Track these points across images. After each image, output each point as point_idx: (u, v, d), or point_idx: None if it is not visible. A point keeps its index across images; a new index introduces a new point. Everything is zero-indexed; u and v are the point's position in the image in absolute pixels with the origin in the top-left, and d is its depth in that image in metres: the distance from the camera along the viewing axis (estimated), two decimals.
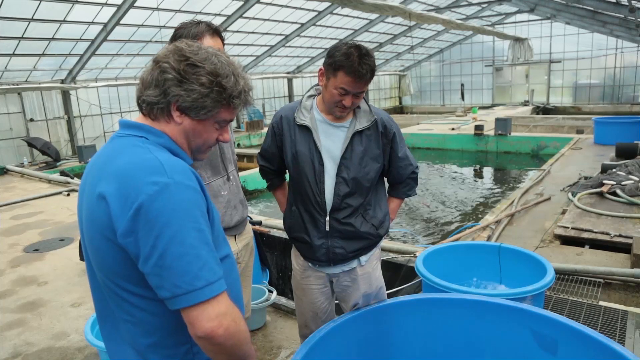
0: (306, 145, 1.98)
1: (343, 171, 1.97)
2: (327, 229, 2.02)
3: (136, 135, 1.17)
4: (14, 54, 10.37)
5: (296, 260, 2.21)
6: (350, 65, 1.77)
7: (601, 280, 3.52)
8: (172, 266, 1.01)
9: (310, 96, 2.06)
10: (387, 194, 2.23)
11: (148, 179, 1.03)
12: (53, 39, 10.37)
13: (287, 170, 2.22)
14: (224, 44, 2.01)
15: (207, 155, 1.31)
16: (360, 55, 1.78)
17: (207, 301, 1.03)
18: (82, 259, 4.06)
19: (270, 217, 5.75)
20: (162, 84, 1.12)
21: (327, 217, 2.01)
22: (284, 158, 2.08)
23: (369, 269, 2.15)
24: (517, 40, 19.85)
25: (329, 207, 2.00)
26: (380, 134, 2.02)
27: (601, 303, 3.21)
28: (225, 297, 1.07)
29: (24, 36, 9.80)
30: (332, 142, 1.98)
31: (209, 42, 1.90)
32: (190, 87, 1.12)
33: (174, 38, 1.91)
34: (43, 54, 10.91)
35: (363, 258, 2.12)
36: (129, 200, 1.02)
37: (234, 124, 18.23)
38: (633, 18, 11.01)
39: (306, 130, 1.98)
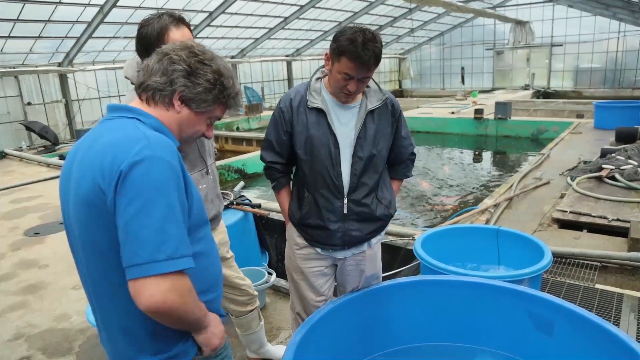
0: (320, 129, 1.95)
1: (359, 150, 1.96)
2: (345, 211, 2.01)
3: (127, 117, 1.22)
4: (9, 37, 10.25)
5: (296, 243, 2.16)
6: (353, 50, 1.75)
7: (598, 264, 3.55)
8: (136, 234, 1.05)
9: (317, 79, 2.03)
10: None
11: (132, 149, 1.09)
12: (49, 21, 10.23)
13: (294, 164, 2.16)
14: (191, 31, 1.92)
15: (189, 148, 1.39)
16: (365, 41, 1.75)
17: (161, 275, 1.06)
18: None
19: (269, 200, 5.75)
20: (170, 74, 1.21)
21: (345, 200, 2.00)
22: (294, 144, 2.01)
23: (375, 249, 2.19)
24: (519, 23, 19.65)
25: (346, 189, 1.99)
26: (390, 112, 2.03)
27: (597, 286, 3.24)
28: (179, 275, 1.10)
29: (20, 18, 9.68)
30: (344, 123, 1.97)
31: (175, 33, 1.80)
32: (197, 81, 1.22)
33: (140, 37, 1.81)
34: (39, 37, 10.78)
35: (373, 240, 2.14)
36: (112, 172, 1.08)
37: None
38: (637, 0, 10.87)
39: (319, 113, 1.95)
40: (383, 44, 1.88)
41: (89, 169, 1.12)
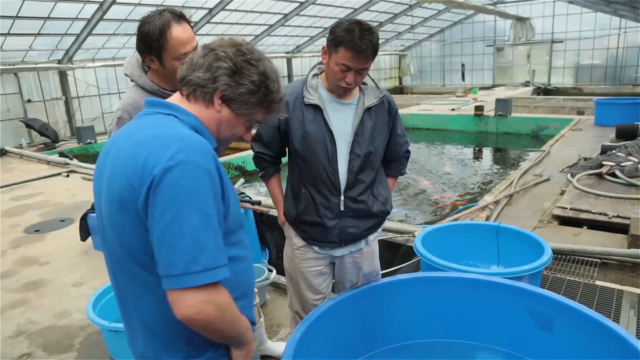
0: (316, 125, 1.94)
1: (356, 147, 1.96)
2: (342, 208, 2.01)
3: (164, 113, 1.18)
4: (9, 34, 10.23)
5: (293, 243, 2.16)
6: (350, 40, 1.75)
7: (598, 261, 3.55)
8: (170, 244, 1.02)
9: (314, 75, 2.02)
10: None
11: (166, 152, 1.04)
12: (48, 18, 10.20)
13: (283, 156, 2.18)
14: (192, 27, 1.88)
15: (223, 150, 1.34)
16: (362, 31, 1.76)
17: (196, 287, 1.03)
18: (82, 239, 4.08)
19: (269, 197, 5.76)
20: (214, 70, 1.16)
21: (342, 197, 2.00)
22: (290, 140, 2.01)
23: (373, 247, 2.19)
24: (519, 19, 19.58)
25: (343, 186, 1.99)
26: (386, 110, 2.03)
27: (597, 282, 3.25)
28: (215, 286, 1.06)
29: (19, 15, 9.65)
30: (341, 119, 1.96)
31: (177, 29, 1.75)
32: (242, 81, 1.16)
33: (142, 35, 1.76)
34: (39, 34, 10.75)
35: (370, 237, 2.14)
36: (145, 173, 1.04)
37: None
38: None
39: (315, 109, 1.95)
40: (383, 40, 1.88)
41: (122, 166, 1.09)
